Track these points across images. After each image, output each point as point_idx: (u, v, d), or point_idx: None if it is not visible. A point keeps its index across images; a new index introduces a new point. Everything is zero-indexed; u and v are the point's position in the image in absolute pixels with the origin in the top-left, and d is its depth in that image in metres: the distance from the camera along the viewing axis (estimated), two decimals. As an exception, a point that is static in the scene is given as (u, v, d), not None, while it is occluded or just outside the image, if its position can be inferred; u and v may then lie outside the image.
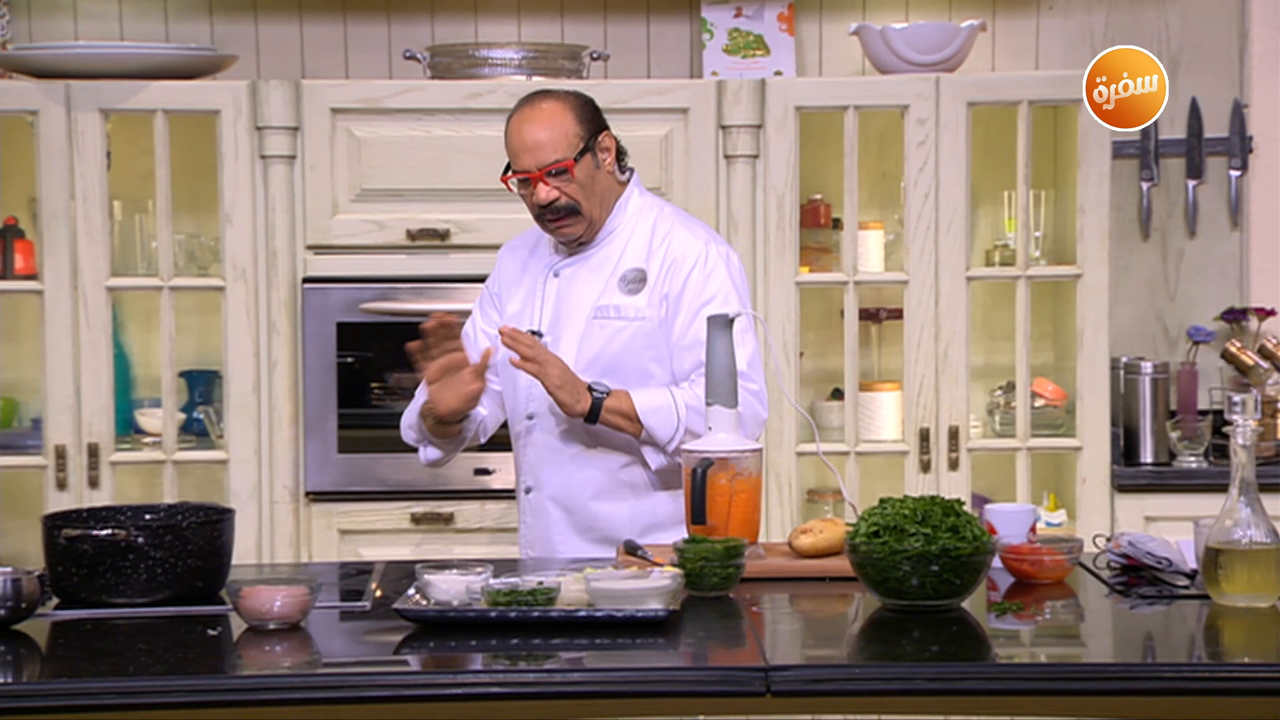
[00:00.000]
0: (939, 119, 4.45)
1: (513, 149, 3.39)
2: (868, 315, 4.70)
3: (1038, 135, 4.55)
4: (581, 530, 3.42)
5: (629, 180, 3.48)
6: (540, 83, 4.43)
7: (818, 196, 4.66)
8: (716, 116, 4.43)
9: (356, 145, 4.40)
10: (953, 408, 4.49)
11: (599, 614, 2.66)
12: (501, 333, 3.29)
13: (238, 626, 2.71)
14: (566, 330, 3.42)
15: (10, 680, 2.55)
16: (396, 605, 2.73)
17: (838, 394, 4.66)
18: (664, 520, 3.39)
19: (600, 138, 3.41)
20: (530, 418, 3.44)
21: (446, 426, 3.41)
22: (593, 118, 3.42)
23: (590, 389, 3.31)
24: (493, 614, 2.67)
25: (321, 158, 4.38)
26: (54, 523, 2.88)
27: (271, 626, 2.67)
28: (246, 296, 4.40)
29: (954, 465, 4.50)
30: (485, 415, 3.51)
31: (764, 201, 4.46)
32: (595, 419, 3.32)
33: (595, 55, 4.58)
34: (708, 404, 3.21)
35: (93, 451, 4.40)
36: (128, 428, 4.59)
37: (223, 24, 4.75)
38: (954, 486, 4.44)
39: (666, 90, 4.46)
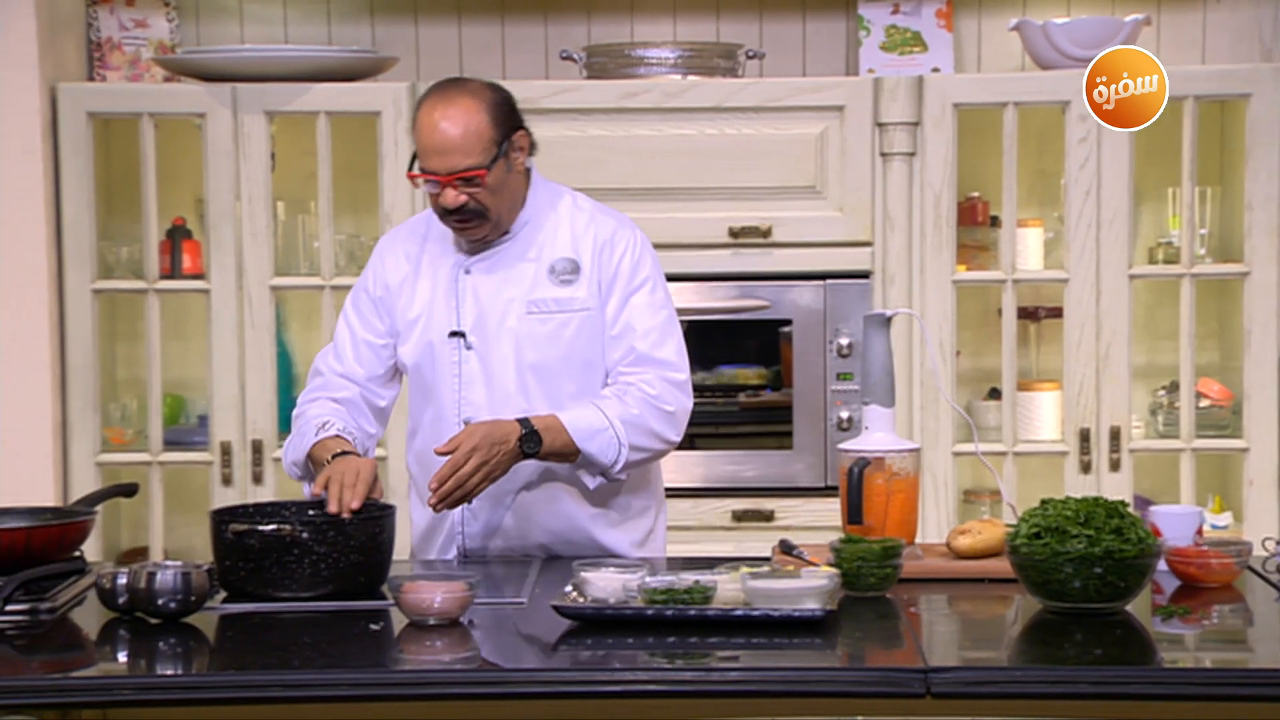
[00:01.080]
0: (1101, 114, 4.38)
1: (422, 146, 3.15)
2: (1026, 314, 4.64)
3: (1204, 130, 4.46)
4: (527, 540, 3.27)
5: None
6: (694, 82, 4.44)
7: (975, 194, 4.61)
8: (873, 114, 4.40)
9: (514, 145, 4.43)
10: (1114, 408, 4.42)
11: (755, 613, 2.65)
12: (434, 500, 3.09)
13: (398, 621, 2.74)
14: (497, 330, 3.23)
15: (180, 672, 2.61)
16: (554, 602, 2.74)
17: (995, 393, 4.61)
18: (608, 516, 3.29)
19: (515, 138, 3.19)
20: (467, 424, 3.20)
21: None
22: (509, 117, 3.19)
23: (519, 424, 3.11)
24: (649, 612, 2.67)
25: (479, 158, 4.42)
26: (222, 518, 2.93)
27: (432, 622, 2.69)
28: (406, 295, 4.45)
29: (1115, 466, 4.42)
30: (371, 437, 3.34)
31: (920, 199, 4.42)
32: (535, 453, 3.11)
33: (751, 54, 4.57)
34: (864, 403, 3.19)
35: (256, 448, 4.48)
36: (290, 424, 4.65)
37: (383, 26, 4.82)
38: (1115, 488, 4.37)
39: (822, 88, 4.44)
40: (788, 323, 4.49)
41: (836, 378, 4.47)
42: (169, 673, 2.60)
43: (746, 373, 4.59)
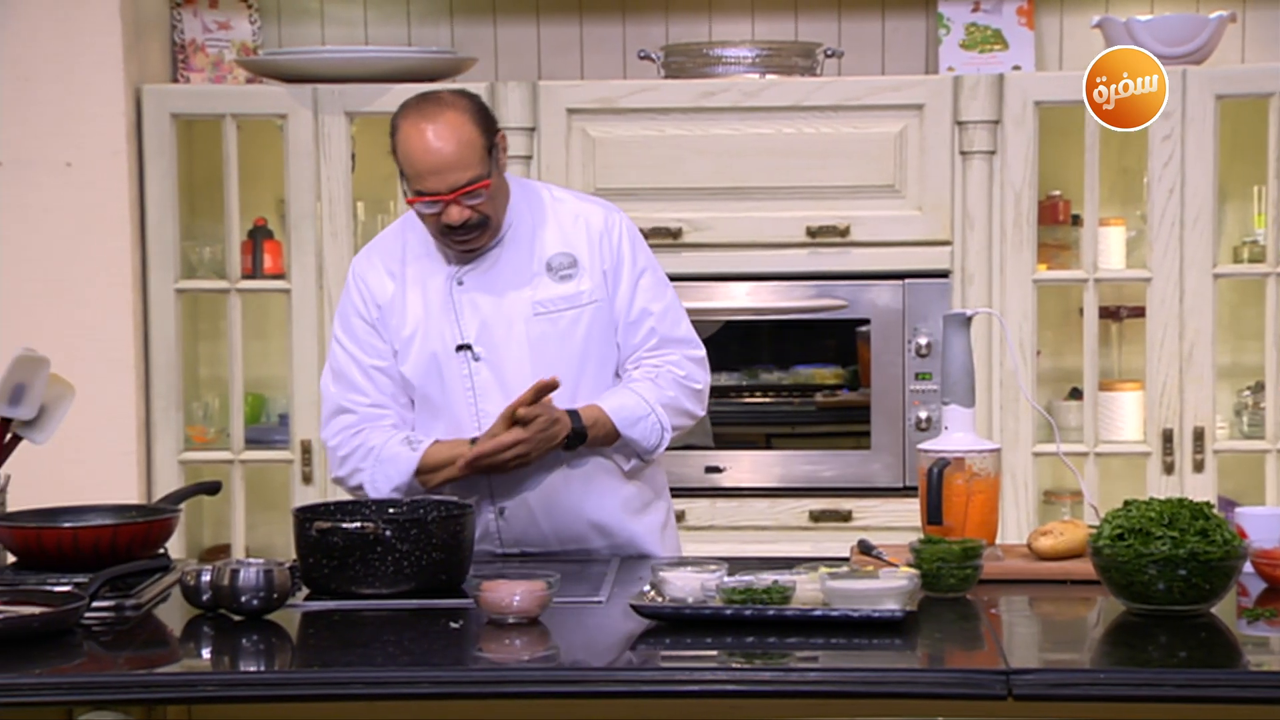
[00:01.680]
0: (1185, 112, 4.34)
1: (415, 169, 3.08)
2: (1108, 313, 4.60)
3: (1289, 127, 4.41)
4: (560, 529, 3.27)
5: None
6: (772, 81, 4.43)
7: (1056, 193, 4.58)
8: (953, 112, 4.38)
9: (591, 145, 4.44)
10: (1198, 408, 4.37)
11: (835, 613, 2.64)
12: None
13: (477, 619, 2.76)
14: (506, 338, 3.20)
15: (263, 668, 2.63)
16: (632, 601, 2.74)
17: (1076, 394, 4.58)
18: (634, 501, 3.29)
19: (498, 140, 3.15)
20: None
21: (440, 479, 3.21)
22: (490, 121, 3.14)
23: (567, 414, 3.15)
24: (728, 612, 2.67)
25: (557, 158, 4.44)
26: (305, 516, 2.95)
27: (511, 620, 2.70)
28: (484, 295, 4.47)
29: (1199, 467, 4.38)
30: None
31: (1001, 198, 4.39)
32: (578, 443, 3.16)
33: (829, 52, 4.55)
34: (944, 403, 3.17)
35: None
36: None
37: (463, 27, 4.84)
38: (1199, 489, 4.32)
39: (901, 86, 4.42)
40: (866, 322, 4.47)
41: (915, 377, 4.45)
42: (252, 669, 2.62)
43: (824, 372, 4.58)
